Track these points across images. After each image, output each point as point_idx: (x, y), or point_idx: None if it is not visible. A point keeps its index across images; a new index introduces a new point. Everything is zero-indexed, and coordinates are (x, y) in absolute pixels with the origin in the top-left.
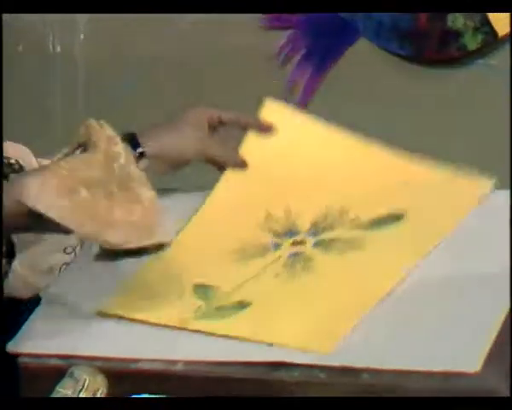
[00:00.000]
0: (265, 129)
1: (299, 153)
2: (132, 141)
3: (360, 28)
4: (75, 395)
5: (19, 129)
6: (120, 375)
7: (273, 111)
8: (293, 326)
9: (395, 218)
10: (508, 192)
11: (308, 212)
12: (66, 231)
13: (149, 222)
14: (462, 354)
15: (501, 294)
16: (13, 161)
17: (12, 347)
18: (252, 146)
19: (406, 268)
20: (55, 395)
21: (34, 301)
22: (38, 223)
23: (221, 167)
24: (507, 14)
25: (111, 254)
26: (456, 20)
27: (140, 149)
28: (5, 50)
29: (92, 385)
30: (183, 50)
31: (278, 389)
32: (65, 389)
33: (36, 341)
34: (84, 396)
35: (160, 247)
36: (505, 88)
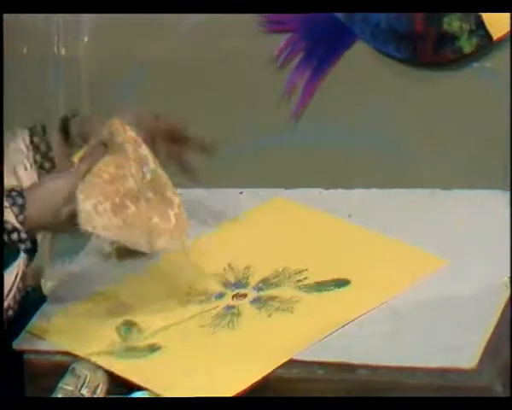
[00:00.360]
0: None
1: (272, 225)
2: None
3: (357, 31)
4: (77, 391)
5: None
6: None
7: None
8: (186, 379)
9: (340, 283)
10: (508, 193)
11: (265, 268)
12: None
13: (181, 227)
14: (459, 351)
15: (498, 292)
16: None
17: (17, 344)
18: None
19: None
20: (58, 391)
21: (39, 301)
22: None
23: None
24: (502, 17)
25: (117, 256)
26: (452, 23)
27: None
28: (10, 51)
29: (93, 380)
30: (185, 53)
31: (278, 385)
32: (67, 386)
33: (40, 338)
34: (85, 391)
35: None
36: (501, 90)
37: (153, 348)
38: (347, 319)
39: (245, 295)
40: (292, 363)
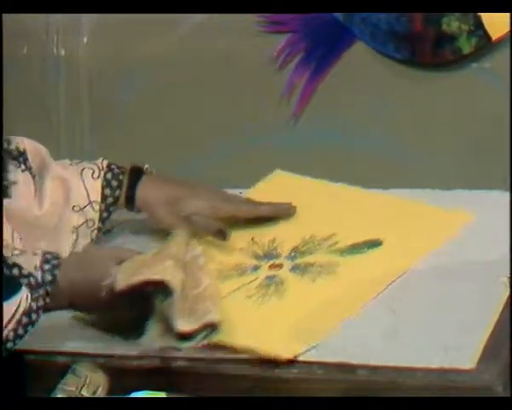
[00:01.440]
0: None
1: (282, 198)
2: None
3: (357, 32)
4: (78, 391)
5: (22, 131)
6: (121, 371)
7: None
8: (248, 346)
9: (372, 244)
10: (508, 193)
11: (291, 239)
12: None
13: (202, 306)
14: (459, 351)
15: (498, 292)
16: (13, 147)
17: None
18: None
19: (373, 294)
20: (58, 391)
21: None
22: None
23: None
24: (501, 18)
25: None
26: (451, 24)
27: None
28: (10, 52)
29: (93, 381)
30: (185, 53)
31: (277, 385)
32: (68, 386)
33: (41, 339)
34: (85, 392)
35: (211, 327)
36: (500, 90)
37: None
38: (392, 278)
39: (281, 266)
40: (291, 363)
